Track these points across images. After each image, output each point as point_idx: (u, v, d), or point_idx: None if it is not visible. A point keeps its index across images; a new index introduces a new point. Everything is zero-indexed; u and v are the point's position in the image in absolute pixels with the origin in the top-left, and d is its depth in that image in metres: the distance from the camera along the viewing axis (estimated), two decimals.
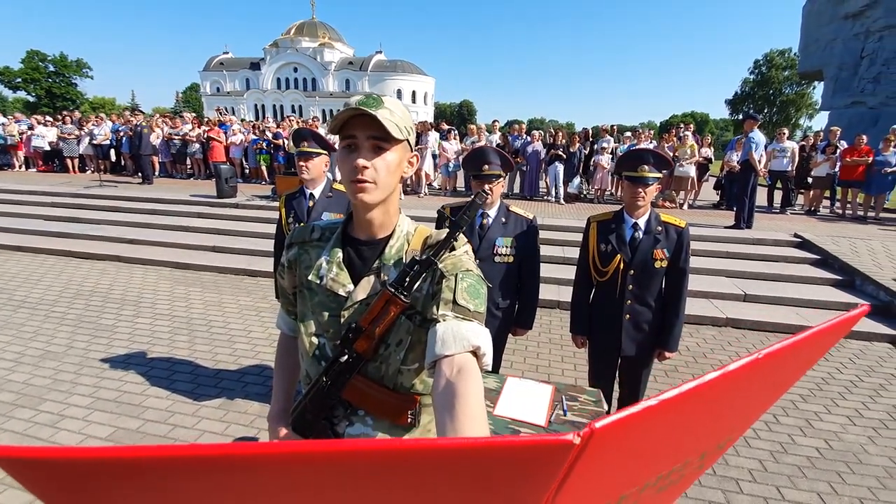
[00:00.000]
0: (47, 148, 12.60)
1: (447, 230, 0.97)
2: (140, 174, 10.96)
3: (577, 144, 9.79)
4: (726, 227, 7.06)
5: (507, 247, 2.35)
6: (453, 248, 0.98)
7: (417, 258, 0.94)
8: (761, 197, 9.70)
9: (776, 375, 0.36)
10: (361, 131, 0.90)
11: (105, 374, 3.46)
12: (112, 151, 12.50)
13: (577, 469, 0.26)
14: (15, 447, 0.24)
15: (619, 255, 2.25)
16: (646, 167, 2.13)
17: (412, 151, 1.01)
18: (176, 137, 11.63)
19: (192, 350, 3.91)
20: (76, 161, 12.34)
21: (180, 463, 0.24)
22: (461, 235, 1.00)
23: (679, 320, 2.32)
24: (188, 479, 0.25)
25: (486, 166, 2.29)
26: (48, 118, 13.31)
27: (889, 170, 8.19)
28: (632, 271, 2.25)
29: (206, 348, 3.95)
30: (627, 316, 2.30)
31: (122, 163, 12.63)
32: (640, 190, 2.15)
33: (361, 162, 0.90)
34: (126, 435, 2.77)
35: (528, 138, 10.27)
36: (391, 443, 0.24)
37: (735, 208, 7.38)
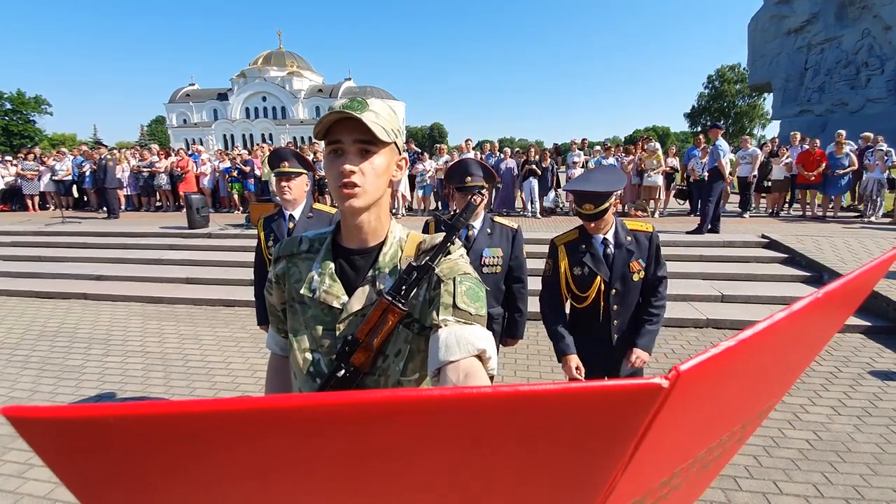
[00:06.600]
0: (2, 186, 12.08)
1: (442, 234, 0.95)
2: (105, 208, 10.60)
3: (549, 160, 10.05)
4: (687, 233, 7.28)
5: (494, 257, 2.35)
6: (448, 253, 0.96)
7: (414, 264, 0.92)
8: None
9: (824, 321, 0.36)
10: (347, 135, 0.88)
11: None
12: (74, 187, 12.09)
13: (655, 426, 0.24)
14: (27, 407, 0.21)
15: (598, 277, 2.08)
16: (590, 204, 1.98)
17: (400, 154, 0.99)
18: (145, 170, 11.34)
19: (167, 387, 3.72)
20: (36, 199, 11.87)
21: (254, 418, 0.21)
22: (456, 239, 0.98)
23: (656, 326, 2.18)
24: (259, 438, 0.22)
25: (469, 178, 2.30)
26: (7, 157, 12.82)
27: (842, 171, 8.68)
28: (613, 290, 2.10)
29: (182, 384, 3.76)
30: (616, 336, 2.17)
31: (86, 198, 12.22)
32: (593, 224, 2.05)
33: (348, 167, 0.87)
34: None
35: (501, 156, 10.47)
36: (454, 390, 0.21)
37: (699, 214, 7.64)
